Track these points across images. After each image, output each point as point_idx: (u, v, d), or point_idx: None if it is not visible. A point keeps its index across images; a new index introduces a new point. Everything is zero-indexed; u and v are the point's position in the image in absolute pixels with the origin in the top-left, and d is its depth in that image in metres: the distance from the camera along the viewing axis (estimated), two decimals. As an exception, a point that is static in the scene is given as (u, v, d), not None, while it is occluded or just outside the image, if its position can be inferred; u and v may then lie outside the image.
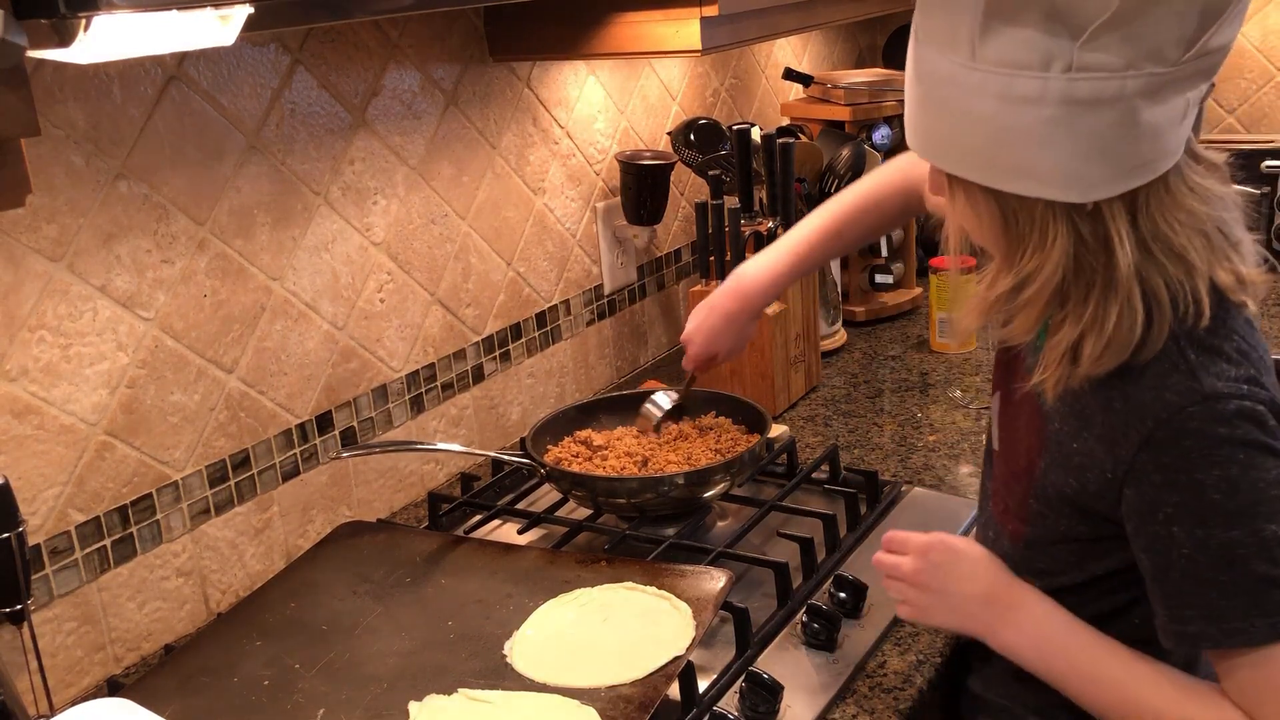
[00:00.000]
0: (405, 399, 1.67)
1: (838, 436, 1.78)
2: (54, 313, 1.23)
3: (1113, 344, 0.96)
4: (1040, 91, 0.88)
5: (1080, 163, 0.90)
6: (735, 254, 1.83)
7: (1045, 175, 0.92)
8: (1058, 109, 0.89)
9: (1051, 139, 0.90)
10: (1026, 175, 0.92)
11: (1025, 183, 0.93)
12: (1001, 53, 0.89)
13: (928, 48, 0.95)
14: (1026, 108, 0.89)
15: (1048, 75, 0.88)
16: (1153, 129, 0.90)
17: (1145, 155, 0.91)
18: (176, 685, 1.19)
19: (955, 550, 1.12)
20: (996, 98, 0.90)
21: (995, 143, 0.92)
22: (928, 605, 1.12)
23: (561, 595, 1.28)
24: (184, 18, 0.86)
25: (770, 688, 1.14)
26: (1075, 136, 0.89)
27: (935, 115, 0.97)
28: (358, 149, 1.55)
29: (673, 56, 1.74)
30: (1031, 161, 0.91)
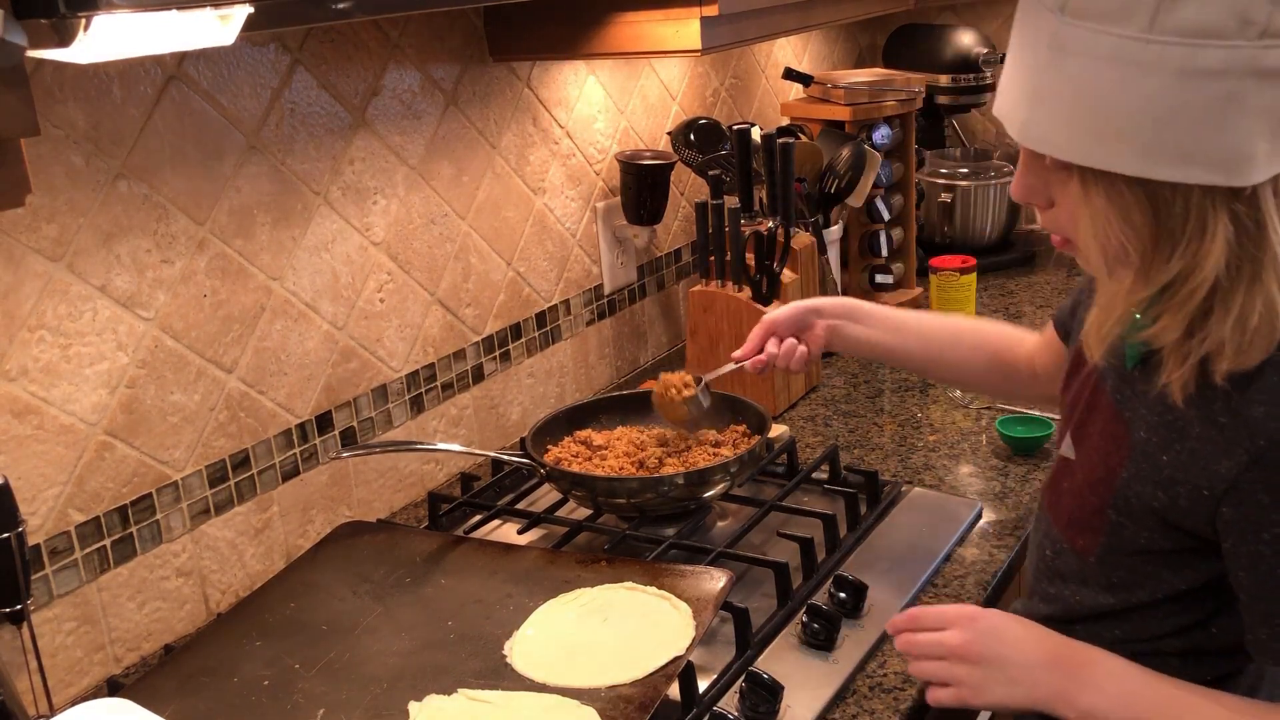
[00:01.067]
0: (405, 399, 1.67)
1: (838, 436, 1.78)
2: (54, 313, 1.23)
3: (1258, 337, 0.89)
4: (1226, 62, 0.81)
5: (1253, 142, 0.83)
6: (735, 254, 1.83)
7: (1212, 159, 0.84)
8: (1241, 82, 0.81)
9: (1227, 117, 0.82)
10: (1190, 160, 0.84)
11: (1188, 169, 0.85)
12: (1191, 19, 0.81)
13: (1081, 26, 0.85)
14: (1207, 82, 0.82)
15: (1238, 43, 0.81)
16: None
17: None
18: (176, 685, 1.19)
19: (1000, 616, 1.03)
20: (1175, 73, 0.82)
21: (1161, 125, 0.84)
22: (982, 681, 1.00)
23: (561, 595, 1.28)
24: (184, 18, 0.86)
25: (770, 688, 1.14)
26: (1252, 113, 0.82)
27: (1080, 104, 0.87)
28: (358, 149, 1.55)
29: (673, 56, 1.73)
30: (1200, 144, 0.84)
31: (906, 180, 2.30)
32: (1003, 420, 1.70)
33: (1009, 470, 1.64)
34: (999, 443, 1.70)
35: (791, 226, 1.88)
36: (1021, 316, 2.26)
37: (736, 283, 1.85)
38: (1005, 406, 1.82)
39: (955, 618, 1.03)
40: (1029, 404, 1.72)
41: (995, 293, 2.40)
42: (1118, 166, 0.87)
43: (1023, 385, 1.38)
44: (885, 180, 2.22)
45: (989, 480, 1.61)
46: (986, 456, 1.68)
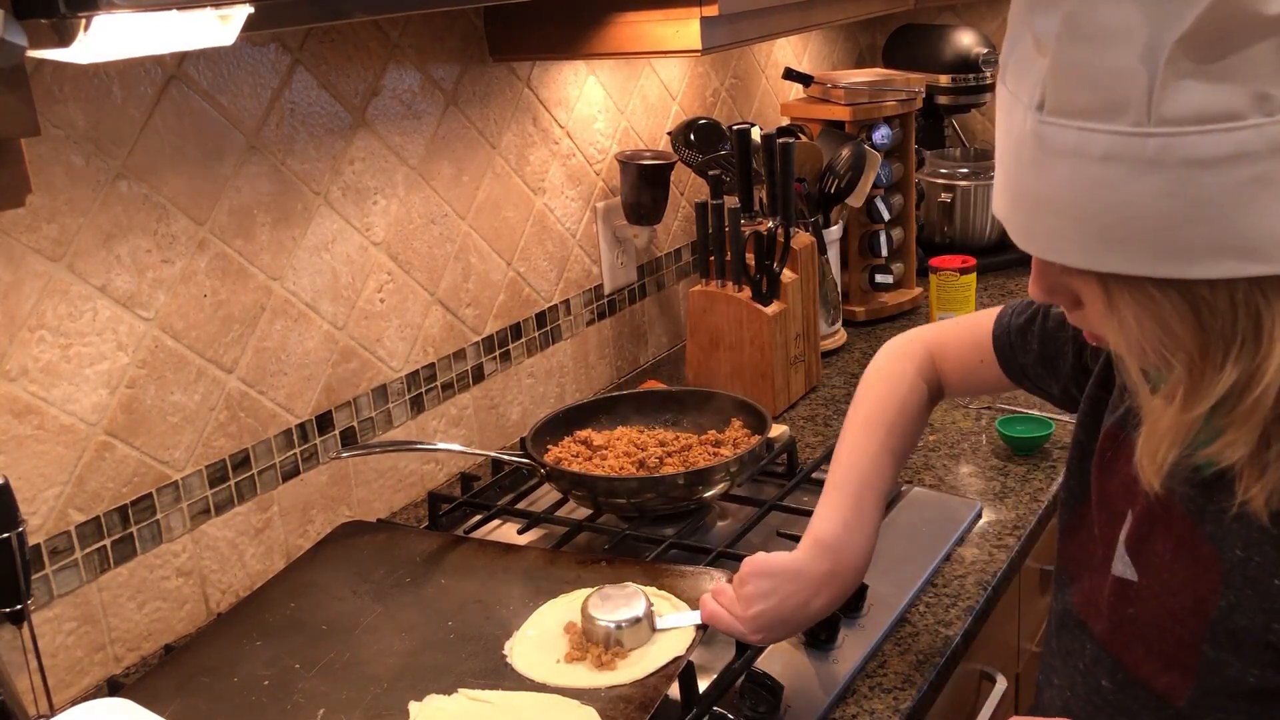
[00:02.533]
0: (405, 399, 1.67)
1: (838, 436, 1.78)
2: (54, 313, 1.23)
3: None
4: (1245, 145, 0.69)
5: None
6: (735, 254, 1.83)
7: (1248, 247, 0.71)
8: (1270, 163, 0.70)
9: (1258, 200, 0.70)
10: (1224, 253, 0.72)
11: (1223, 263, 0.72)
12: (1194, 104, 0.70)
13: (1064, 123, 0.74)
14: (1226, 169, 0.70)
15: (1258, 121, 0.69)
16: None
17: None
18: (176, 685, 1.19)
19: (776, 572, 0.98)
20: (1185, 165, 0.70)
21: (1180, 223, 0.72)
22: None
23: (561, 595, 1.28)
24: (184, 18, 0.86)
25: (770, 688, 1.14)
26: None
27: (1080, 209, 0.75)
28: (358, 149, 1.55)
29: (673, 56, 1.73)
30: (1231, 235, 0.71)
31: (906, 180, 2.30)
32: (1003, 420, 1.70)
33: (1009, 470, 1.64)
34: (999, 443, 1.70)
35: (791, 226, 1.88)
36: (1021, 316, 2.26)
37: (736, 283, 1.85)
38: (1005, 406, 1.82)
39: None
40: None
41: (995, 293, 2.40)
42: (1141, 270, 0.74)
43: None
44: (885, 180, 2.22)
45: (989, 480, 1.61)
46: (986, 456, 1.68)
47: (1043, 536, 1.54)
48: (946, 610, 1.32)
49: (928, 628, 1.29)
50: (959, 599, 1.34)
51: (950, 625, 1.29)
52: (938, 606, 1.33)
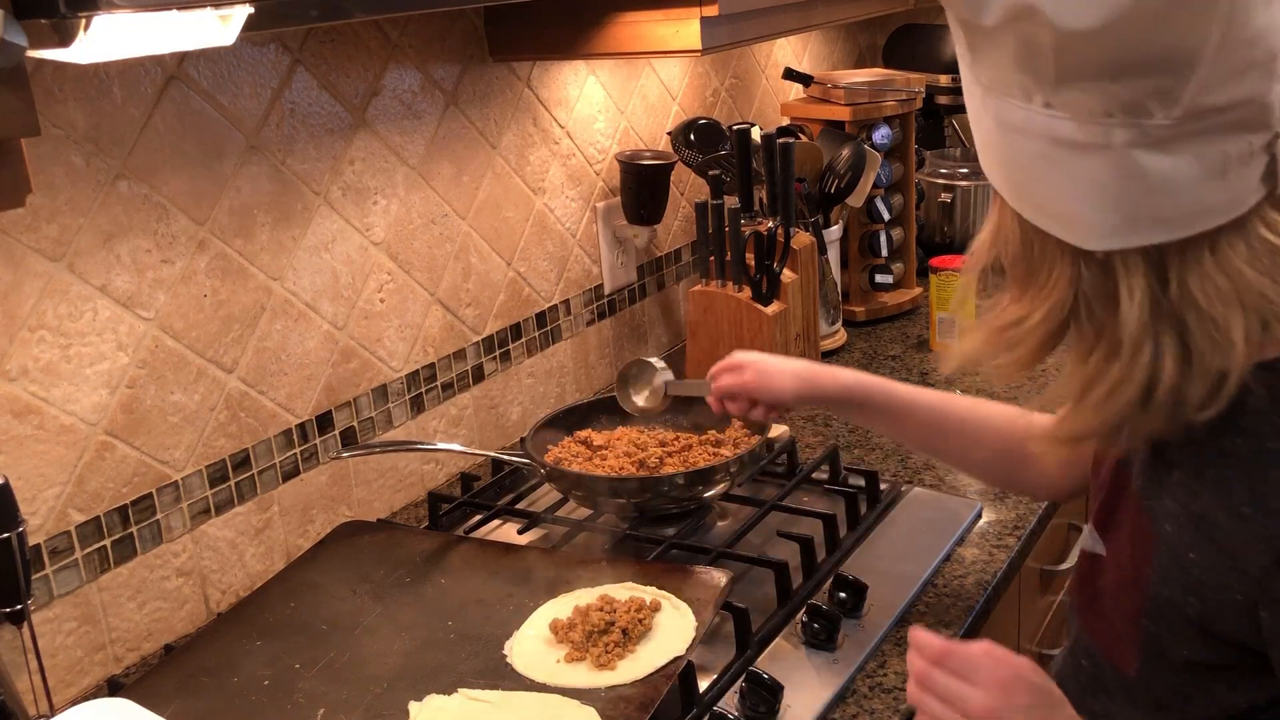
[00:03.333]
0: (405, 399, 1.67)
1: (838, 436, 1.78)
2: (54, 313, 1.23)
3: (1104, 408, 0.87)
4: (1026, 121, 0.83)
5: (1081, 206, 0.83)
6: (735, 254, 1.83)
7: (1055, 211, 0.86)
8: (1045, 144, 0.83)
9: (1048, 175, 0.84)
10: (1038, 207, 0.87)
11: (1040, 216, 0.87)
12: (987, 76, 0.85)
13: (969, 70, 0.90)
14: (1019, 137, 0.85)
15: (1030, 107, 0.82)
16: (1166, 183, 0.80)
17: (1162, 211, 0.81)
18: (176, 685, 1.19)
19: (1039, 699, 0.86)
20: (996, 121, 0.86)
21: (1009, 167, 0.88)
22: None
23: (561, 595, 1.28)
24: (184, 18, 0.86)
25: (770, 688, 1.14)
26: (1071, 177, 0.83)
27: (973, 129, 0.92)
28: (358, 149, 1.55)
29: (673, 56, 1.73)
30: (1040, 194, 0.86)
31: (906, 180, 2.30)
32: None
33: (1009, 470, 1.64)
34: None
35: (791, 226, 1.88)
36: (1021, 316, 2.26)
37: (736, 283, 1.85)
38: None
39: (989, 675, 0.87)
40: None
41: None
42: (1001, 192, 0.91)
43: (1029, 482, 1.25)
44: (885, 180, 2.22)
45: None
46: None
47: (1043, 536, 1.54)
48: (946, 610, 1.32)
49: (928, 628, 1.29)
50: (959, 599, 1.34)
51: (950, 625, 1.29)
52: (938, 606, 1.33)
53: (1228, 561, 0.83)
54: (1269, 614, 0.82)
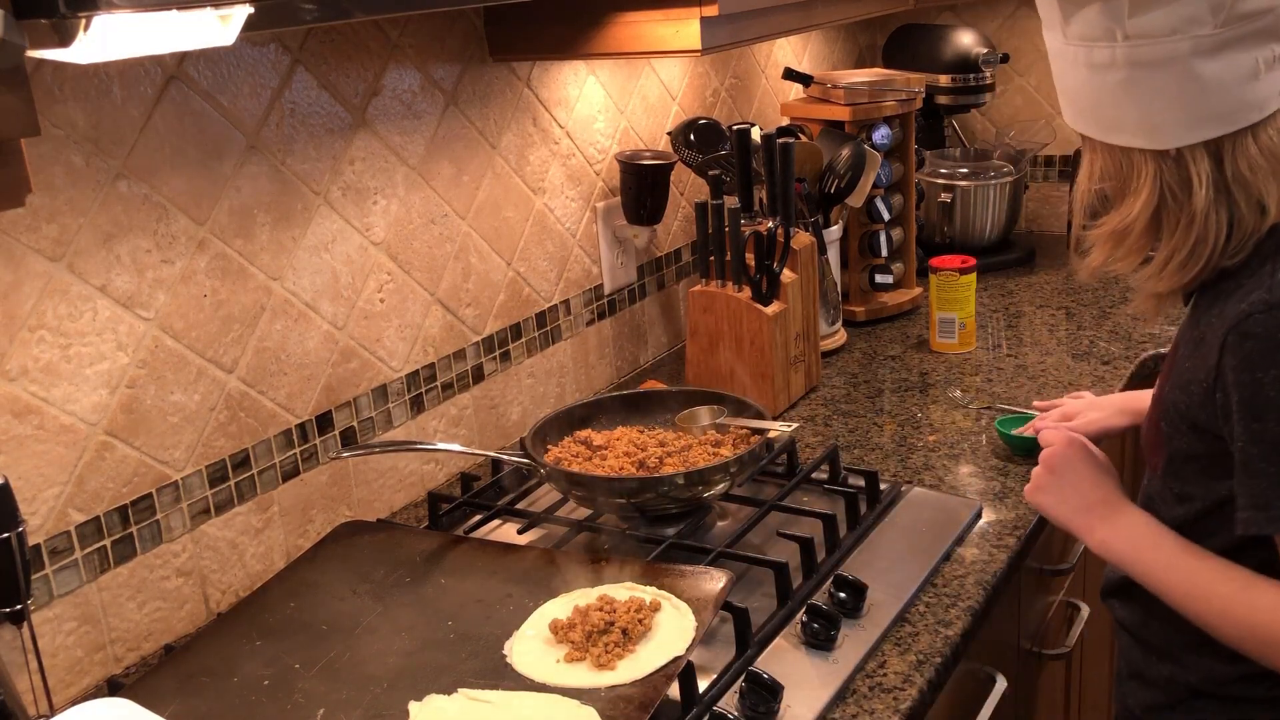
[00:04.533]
0: (405, 399, 1.67)
1: (838, 436, 1.78)
2: (54, 313, 1.23)
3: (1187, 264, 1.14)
4: (1110, 59, 1.10)
5: (1159, 115, 1.10)
6: (735, 254, 1.83)
7: (1131, 128, 1.12)
8: (1128, 71, 1.10)
9: (1128, 97, 1.11)
10: (1119, 129, 1.14)
11: (1119, 135, 1.14)
12: (1079, 30, 1.12)
13: (1047, 32, 1.18)
14: (1106, 73, 1.11)
15: (1114, 45, 1.09)
16: (1219, 84, 1.07)
17: (1217, 108, 1.08)
18: (176, 685, 1.19)
19: (1089, 455, 1.29)
20: (1085, 66, 1.13)
21: (1092, 104, 1.15)
22: (1044, 485, 1.30)
23: (561, 595, 1.28)
24: (184, 18, 0.86)
25: (770, 688, 1.14)
26: (1147, 93, 1.10)
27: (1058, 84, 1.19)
28: (358, 149, 1.55)
29: (673, 56, 1.73)
30: (1119, 117, 1.13)
31: (906, 180, 2.30)
32: (1002, 420, 1.70)
33: (1009, 470, 1.64)
34: (999, 443, 1.70)
35: (791, 226, 1.88)
36: (1021, 316, 2.26)
37: (736, 283, 1.85)
38: (1005, 406, 1.82)
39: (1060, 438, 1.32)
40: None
41: (995, 293, 2.40)
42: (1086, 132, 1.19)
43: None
44: (885, 180, 2.22)
45: (989, 480, 1.61)
46: (986, 456, 1.68)
47: (1043, 536, 1.54)
48: (946, 610, 1.32)
49: (928, 628, 1.29)
50: (959, 599, 1.34)
51: (950, 625, 1.29)
52: (938, 606, 1.33)
53: (1201, 360, 1.13)
54: (1220, 392, 1.09)
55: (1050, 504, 1.30)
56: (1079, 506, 1.27)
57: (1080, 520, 1.26)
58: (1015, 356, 2.06)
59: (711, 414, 1.61)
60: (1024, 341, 2.13)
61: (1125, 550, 1.22)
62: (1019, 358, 2.05)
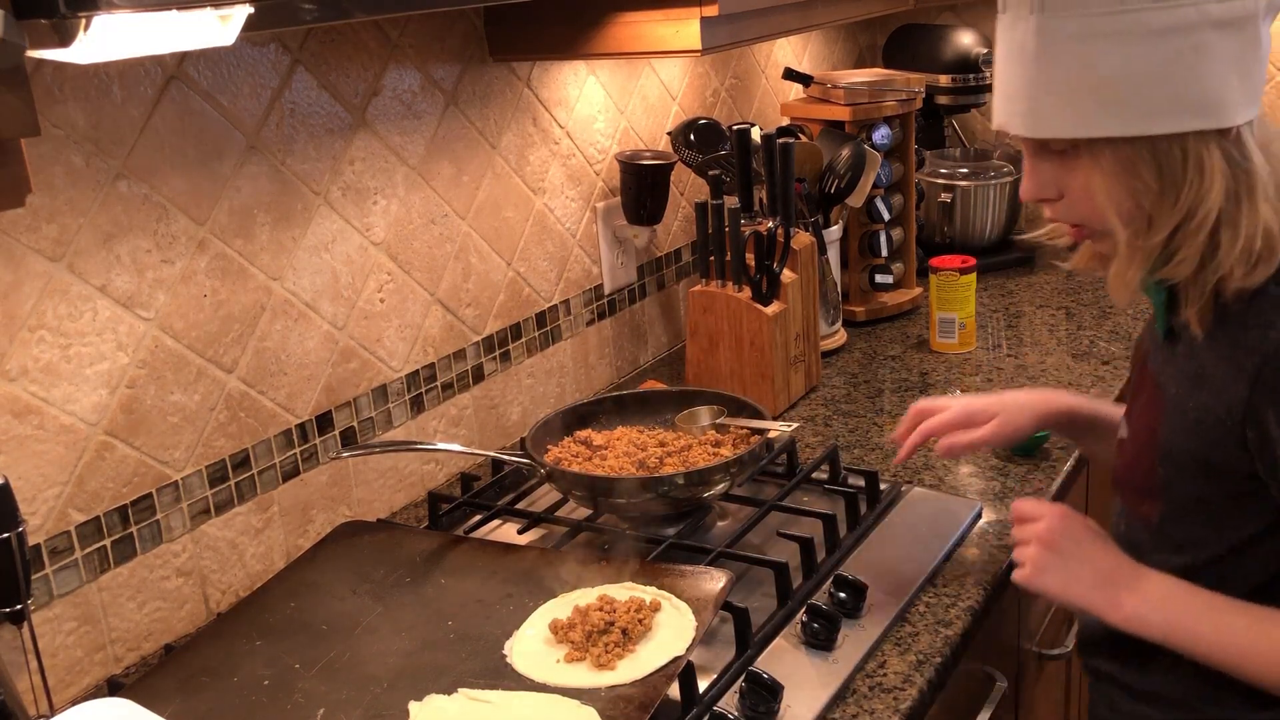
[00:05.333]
0: (405, 399, 1.67)
1: (838, 436, 1.78)
2: (54, 313, 1.23)
3: (1262, 257, 1.01)
4: (1187, 18, 0.95)
5: (1225, 87, 0.98)
6: (735, 254, 1.83)
7: (1196, 106, 0.98)
8: (1199, 34, 0.96)
9: (1200, 66, 0.97)
10: (1180, 110, 0.98)
11: (1180, 118, 0.98)
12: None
13: (1059, 16, 1.00)
14: (1176, 37, 0.96)
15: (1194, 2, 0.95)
16: (1267, 49, 1.00)
17: (1260, 77, 1.00)
18: (176, 685, 1.19)
19: (1088, 524, 1.16)
20: (1149, 34, 0.96)
21: (1150, 83, 0.97)
22: (1047, 565, 1.14)
23: (561, 595, 1.28)
24: (184, 18, 0.86)
25: (770, 688, 1.14)
26: (1222, 60, 0.97)
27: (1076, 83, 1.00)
28: (358, 149, 1.55)
29: (673, 56, 1.73)
30: (1184, 94, 0.97)
31: (906, 180, 2.30)
32: None
33: (1009, 470, 1.64)
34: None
35: (791, 226, 1.88)
36: (1021, 316, 2.26)
37: (736, 283, 1.85)
38: None
39: (1051, 510, 1.17)
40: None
41: (995, 293, 2.40)
42: (1121, 130, 1.00)
43: None
44: (885, 180, 2.22)
45: (989, 480, 1.61)
46: (986, 456, 1.68)
47: (1043, 536, 1.54)
48: (946, 610, 1.32)
49: (928, 628, 1.29)
50: (959, 599, 1.34)
51: (950, 625, 1.29)
52: (938, 606, 1.33)
53: (1217, 398, 1.03)
54: (1253, 432, 1.00)
55: (1060, 585, 1.15)
56: (1095, 582, 1.13)
57: (1100, 596, 1.12)
58: (1015, 356, 2.06)
59: (711, 414, 1.61)
60: (1024, 341, 2.13)
61: (1162, 618, 1.08)
62: (1019, 358, 2.05)
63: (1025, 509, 1.20)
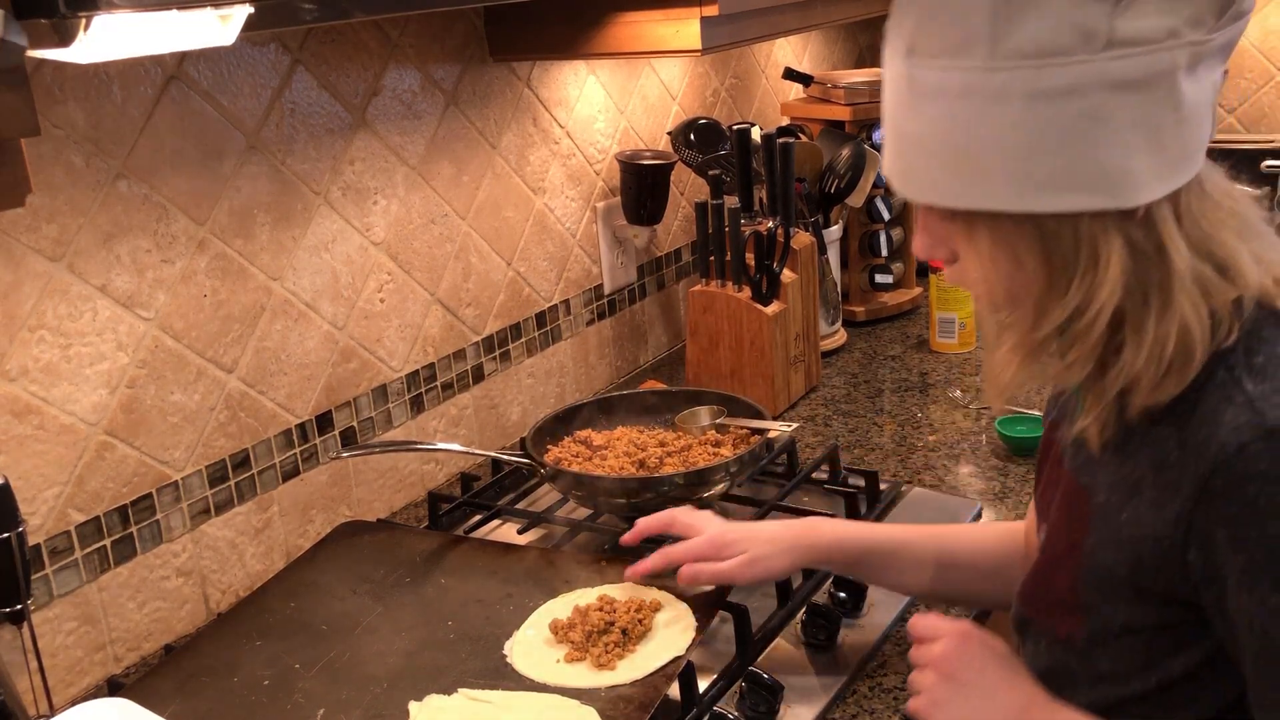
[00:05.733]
0: (405, 399, 1.67)
1: (838, 436, 1.78)
2: (54, 313, 1.23)
3: (1173, 366, 0.83)
4: (1075, 79, 0.78)
5: (1130, 159, 0.79)
6: (735, 254, 1.83)
7: (1090, 181, 0.80)
8: (1099, 97, 0.78)
9: (1093, 135, 0.79)
10: (1068, 186, 0.80)
11: (1068, 196, 0.81)
12: (1027, 41, 0.78)
13: (928, 65, 0.83)
14: (1063, 102, 0.78)
15: (1085, 58, 0.77)
16: (1195, 111, 0.80)
17: (1190, 143, 0.81)
18: (176, 685, 1.19)
19: (994, 649, 0.97)
20: (1026, 97, 0.79)
21: (1029, 153, 0.80)
22: (943, 698, 0.96)
23: (561, 595, 1.28)
24: (184, 18, 0.86)
25: (770, 688, 1.14)
26: (1121, 128, 0.79)
27: (948, 145, 0.83)
28: (358, 149, 1.55)
29: (673, 56, 1.73)
30: (1073, 168, 0.80)
31: (906, 180, 2.30)
32: (1002, 420, 1.70)
33: (1009, 470, 1.64)
34: (999, 443, 1.70)
35: (791, 226, 1.88)
36: (1021, 316, 2.26)
37: (736, 283, 1.85)
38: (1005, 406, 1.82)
39: (949, 631, 0.99)
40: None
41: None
42: (995, 204, 0.83)
43: None
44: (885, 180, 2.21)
45: (989, 480, 1.61)
46: (986, 456, 1.68)
47: (1043, 536, 1.54)
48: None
49: (928, 628, 1.29)
50: (959, 599, 1.34)
51: (950, 625, 1.29)
52: (938, 607, 1.33)
53: (1155, 510, 0.84)
54: (1197, 554, 0.82)
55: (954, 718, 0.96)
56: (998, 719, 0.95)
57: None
58: (1015, 356, 2.05)
59: (711, 414, 1.61)
60: (1024, 341, 2.12)
61: None
62: (1019, 358, 2.04)
63: (921, 628, 1.01)
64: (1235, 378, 0.82)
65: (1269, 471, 0.78)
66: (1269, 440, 0.78)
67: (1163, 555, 0.84)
